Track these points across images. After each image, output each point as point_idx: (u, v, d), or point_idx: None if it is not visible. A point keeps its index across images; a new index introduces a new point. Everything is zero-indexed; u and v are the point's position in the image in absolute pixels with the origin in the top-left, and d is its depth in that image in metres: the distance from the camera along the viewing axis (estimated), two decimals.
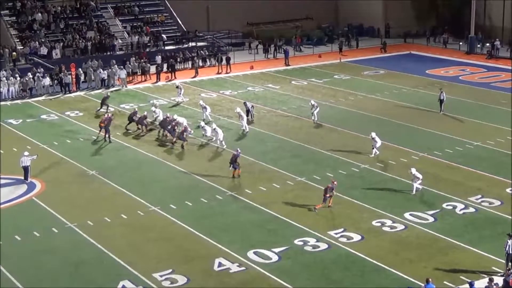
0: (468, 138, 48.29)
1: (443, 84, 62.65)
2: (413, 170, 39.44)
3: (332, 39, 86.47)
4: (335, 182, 38.00)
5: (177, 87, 60.61)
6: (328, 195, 37.41)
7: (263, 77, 69.65)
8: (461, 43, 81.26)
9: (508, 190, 39.30)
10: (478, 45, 79.04)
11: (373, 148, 44.95)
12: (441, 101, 55.38)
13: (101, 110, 56.00)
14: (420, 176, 39.29)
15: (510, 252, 30.13)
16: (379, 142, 44.92)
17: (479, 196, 38.74)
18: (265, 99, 60.70)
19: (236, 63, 74.09)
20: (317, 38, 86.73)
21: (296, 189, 40.41)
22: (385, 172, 42.56)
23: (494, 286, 27.03)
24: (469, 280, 28.06)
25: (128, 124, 51.69)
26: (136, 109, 53.59)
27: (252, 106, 54.91)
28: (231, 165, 41.92)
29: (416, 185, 39.27)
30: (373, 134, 45.05)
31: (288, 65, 74.62)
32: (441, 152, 45.62)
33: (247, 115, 53.65)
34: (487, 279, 27.89)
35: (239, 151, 42.52)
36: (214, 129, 47.81)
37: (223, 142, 47.15)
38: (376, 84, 65.61)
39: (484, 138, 48.16)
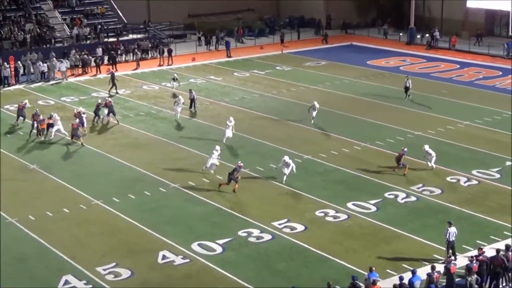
0: (409, 128, 48.82)
1: (385, 73, 63.25)
2: (426, 147, 41.18)
3: (274, 30, 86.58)
4: (241, 164, 39.17)
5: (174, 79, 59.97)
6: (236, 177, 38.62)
7: (205, 69, 69.47)
8: (401, 34, 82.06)
9: (448, 178, 39.84)
10: (418, 36, 79.86)
11: (428, 162, 41.49)
12: (406, 88, 56.31)
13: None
14: (433, 153, 40.70)
15: (451, 239, 30.57)
16: (433, 154, 41.32)
17: (420, 185, 39.22)
18: (207, 91, 60.57)
19: (178, 55, 73.71)
20: (259, 30, 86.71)
21: (240, 181, 40.36)
22: (328, 162, 42.77)
23: (436, 274, 27.36)
24: (411, 268, 28.34)
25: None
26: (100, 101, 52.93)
27: (195, 97, 54.68)
28: (229, 178, 38.74)
29: (431, 163, 40.82)
30: (427, 147, 41.60)
31: (230, 56, 74.54)
32: (383, 142, 46.05)
33: (191, 105, 53.59)
34: (429, 267, 28.24)
35: (240, 164, 39.49)
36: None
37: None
38: (318, 75, 65.92)
39: (425, 128, 48.74)
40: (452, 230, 30.64)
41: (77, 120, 47.41)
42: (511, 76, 64.04)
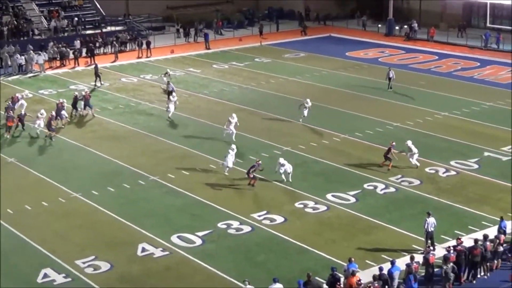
0: (388, 119, 48.95)
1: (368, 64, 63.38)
2: (409, 143, 40.51)
3: (253, 22, 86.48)
4: (259, 161, 38.51)
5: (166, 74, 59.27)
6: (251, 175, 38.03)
7: (184, 61, 69.32)
8: (380, 26, 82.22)
9: (427, 169, 40.02)
10: (397, 27, 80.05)
11: (410, 159, 40.73)
12: (389, 79, 56.49)
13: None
14: (415, 149, 40.15)
15: (429, 230, 30.71)
16: (415, 151, 40.62)
17: (399, 176, 39.36)
18: (186, 83, 60.43)
19: (157, 47, 73.48)
20: (238, 22, 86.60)
21: (219, 172, 40.38)
22: (307, 154, 42.82)
23: (415, 264, 27.49)
24: (390, 259, 28.44)
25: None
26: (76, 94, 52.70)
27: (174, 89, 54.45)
28: (248, 173, 38.41)
29: (414, 161, 40.15)
30: (409, 143, 40.87)
31: (209, 48, 74.39)
32: (362, 133, 46.16)
33: (169, 98, 53.46)
34: (408, 257, 28.37)
35: (259, 162, 38.83)
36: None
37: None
38: (297, 67, 65.93)
39: (403, 119, 48.89)
40: (431, 220, 30.77)
41: (53, 112, 47.25)
42: (489, 67, 64.46)
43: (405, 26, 78.83)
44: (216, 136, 46.26)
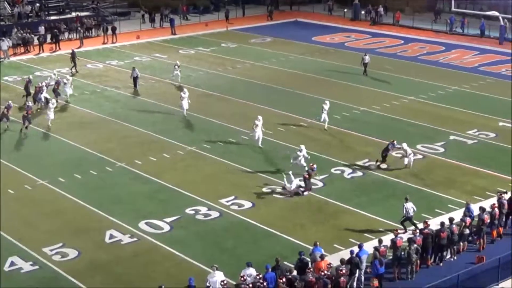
0: (355, 103, 49.10)
1: (331, 50, 63.45)
2: (404, 145, 38.46)
3: (219, 7, 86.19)
4: (313, 166, 36.43)
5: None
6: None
7: (150, 47, 68.96)
8: (346, 10, 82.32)
9: (393, 153, 40.17)
10: (362, 12, 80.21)
11: (402, 157, 38.95)
12: (364, 64, 56.45)
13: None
14: (409, 149, 38.26)
15: (409, 214, 30.90)
16: (409, 151, 38.68)
17: (366, 160, 39.52)
18: (152, 69, 60.15)
19: (122, 32, 73.01)
20: (204, 7, 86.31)
21: (186, 158, 40.32)
22: (275, 139, 42.83)
23: (383, 247, 27.66)
24: (358, 242, 28.58)
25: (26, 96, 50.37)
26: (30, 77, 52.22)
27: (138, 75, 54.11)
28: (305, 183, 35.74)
29: (410, 158, 38.23)
30: (405, 145, 38.91)
31: (175, 34, 74.05)
32: (328, 118, 46.14)
33: (135, 84, 53.21)
34: (376, 241, 28.53)
35: (313, 166, 36.48)
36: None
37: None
38: (264, 52, 65.87)
39: (370, 103, 49.08)
40: (409, 205, 30.97)
41: (30, 104, 46.98)
42: (454, 51, 64.86)
43: (371, 11, 79.01)
44: (184, 121, 46.13)
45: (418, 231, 28.82)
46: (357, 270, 26.94)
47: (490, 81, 55.13)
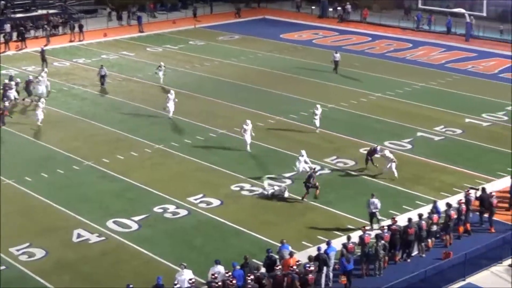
0: (323, 100, 49.12)
1: (298, 47, 63.51)
2: (387, 152, 37.15)
3: (186, 5, 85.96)
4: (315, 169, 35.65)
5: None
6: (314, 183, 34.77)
7: (118, 45, 68.64)
8: (313, 8, 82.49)
9: (361, 150, 40.32)
10: (330, 9, 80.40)
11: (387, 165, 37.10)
12: (335, 62, 56.38)
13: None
14: (391, 155, 36.77)
15: (373, 211, 31.02)
16: (391, 158, 36.99)
17: (334, 157, 39.62)
18: (120, 67, 59.88)
19: (89, 30, 72.62)
20: (171, 4, 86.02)
21: (154, 156, 40.19)
22: (242, 137, 42.75)
23: (351, 244, 27.74)
24: (326, 239, 28.65)
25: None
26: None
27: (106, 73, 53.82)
28: (307, 186, 34.61)
29: (389, 168, 36.61)
30: (387, 152, 37.51)
31: (143, 31, 73.76)
32: (296, 115, 46.30)
33: (101, 82, 52.89)
34: (344, 237, 28.62)
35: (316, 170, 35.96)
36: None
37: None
38: (232, 49, 65.82)
39: (338, 100, 49.20)
40: (375, 201, 31.08)
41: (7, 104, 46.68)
42: (421, 48, 65.23)
43: (339, 8, 79.26)
44: (151, 119, 45.99)
45: (386, 227, 28.92)
46: (325, 267, 27.02)
47: (457, 77, 55.53)
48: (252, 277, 25.29)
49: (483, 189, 32.13)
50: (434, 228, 29.69)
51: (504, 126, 44.43)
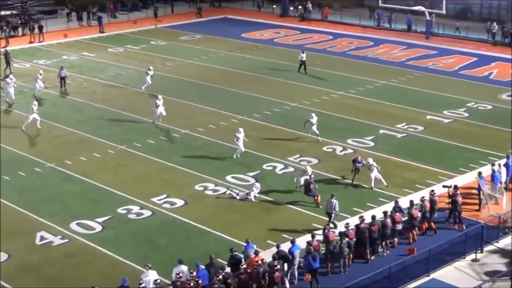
0: (285, 99, 49.29)
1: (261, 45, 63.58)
2: (370, 160, 35.98)
3: (147, 5, 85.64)
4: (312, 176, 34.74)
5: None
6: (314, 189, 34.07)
7: (78, 45, 68.20)
8: (274, 6, 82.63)
9: (324, 148, 40.50)
10: (291, 8, 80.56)
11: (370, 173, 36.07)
12: (302, 62, 56.19)
13: None
14: (375, 164, 35.67)
15: (332, 211, 31.06)
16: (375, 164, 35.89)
17: (298, 155, 39.71)
18: (81, 68, 59.49)
19: (49, 31, 72.05)
20: (132, 4, 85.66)
21: (117, 157, 40.00)
22: (206, 136, 42.77)
23: (315, 242, 27.81)
24: (291, 238, 28.69)
25: None
26: None
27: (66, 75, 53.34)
28: (307, 194, 34.14)
29: (375, 175, 35.60)
30: (370, 160, 36.21)
31: (103, 32, 73.36)
32: (259, 114, 46.36)
33: (62, 83, 52.42)
34: (309, 236, 28.68)
35: (312, 176, 34.76)
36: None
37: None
38: (194, 49, 65.71)
39: (300, 99, 49.33)
40: (333, 202, 31.14)
41: None
42: (382, 46, 65.61)
43: (300, 7, 79.48)
44: (114, 120, 45.76)
45: (350, 225, 28.97)
46: (286, 264, 27.06)
47: (418, 75, 55.94)
48: (220, 277, 25.25)
49: (455, 187, 32.26)
50: (399, 227, 29.81)
51: (465, 122, 44.89)
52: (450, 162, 38.62)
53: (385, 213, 29.89)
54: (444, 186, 32.69)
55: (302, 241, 28.64)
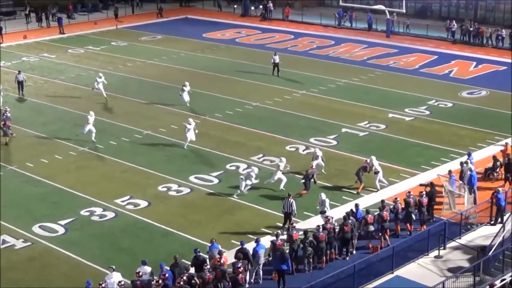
0: (247, 99, 49.32)
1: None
2: (374, 159, 35.71)
3: (108, 5, 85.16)
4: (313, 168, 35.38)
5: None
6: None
7: (38, 47, 67.63)
8: (235, 6, 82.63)
9: (287, 147, 40.57)
10: (252, 8, 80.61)
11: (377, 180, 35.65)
12: (275, 65, 55.82)
13: None
14: (379, 168, 35.36)
15: (288, 210, 31.05)
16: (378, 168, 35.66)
17: (261, 155, 39.73)
18: (41, 69, 58.99)
19: (8, 32, 71.34)
20: (92, 5, 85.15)
21: (79, 159, 39.72)
22: (168, 137, 42.64)
23: (279, 241, 27.84)
24: (255, 237, 28.69)
25: None
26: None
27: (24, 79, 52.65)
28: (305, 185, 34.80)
29: (379, 178, 35.33)
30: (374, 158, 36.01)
31: (63, 33, 72.80)
32: (221, 114, 46.33)
33: (20, 88, 51.65)
34: (272, 235, 28.71)
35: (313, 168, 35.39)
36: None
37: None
38: (154, 50, 65.48)
39: (262, 98, 49.37)
40: (290, 201, 31.16)
41: None
42: (343, 45, 65.88)
43: (261, 6, 79.57)
44: (76, 122, 45.37)
45: (321, 226, 28.92)
46: (255, 264, 27.08)
47: (379, 73, 56.27)
48: (184, 278, 25.19)
49: (431, 184, 32.35)
50: (371, 228, 29.80)
51: (426, 120, 45.24)
52: (412, 160, 38.91)
53: (347, 214, 29.85)
54: (421, 185, 32.83)
55: (266, 241, 28.68)
